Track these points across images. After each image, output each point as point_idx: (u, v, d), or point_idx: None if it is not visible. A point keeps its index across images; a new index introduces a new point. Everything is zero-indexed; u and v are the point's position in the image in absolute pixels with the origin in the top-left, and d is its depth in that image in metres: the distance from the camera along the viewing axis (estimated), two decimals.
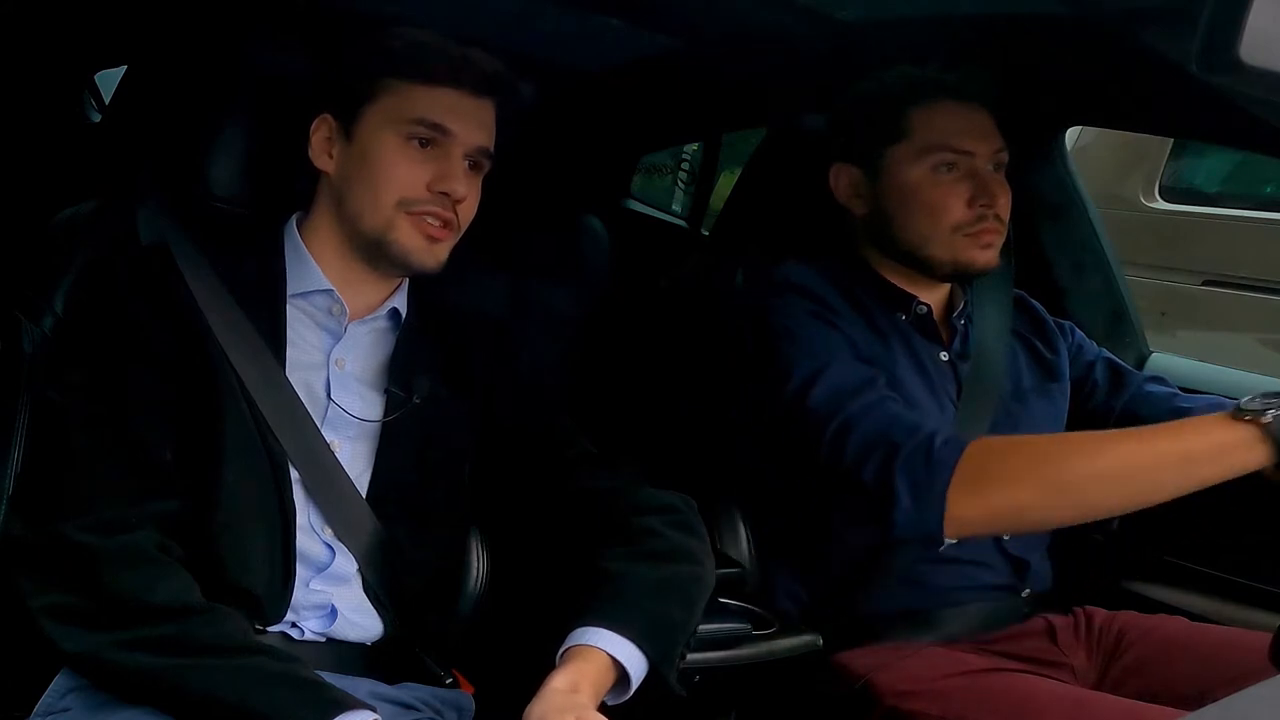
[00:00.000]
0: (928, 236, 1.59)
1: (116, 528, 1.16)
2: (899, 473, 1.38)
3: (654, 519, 1.32)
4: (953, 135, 1.57)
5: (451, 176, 1.31)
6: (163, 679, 1.11)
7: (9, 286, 1.40)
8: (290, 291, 1.34)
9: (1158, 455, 1.33)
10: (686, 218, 3.03)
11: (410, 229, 1.31)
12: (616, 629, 1.19)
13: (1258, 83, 0.79)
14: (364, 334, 1.37)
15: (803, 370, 1.50)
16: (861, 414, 1.45)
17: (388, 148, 1.31)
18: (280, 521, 1.26)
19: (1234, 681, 0.92)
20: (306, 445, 1.29)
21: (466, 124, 1.32)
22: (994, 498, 1.36)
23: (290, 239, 1.37)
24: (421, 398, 1.35)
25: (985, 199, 1.56)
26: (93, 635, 1.12)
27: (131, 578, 1.14)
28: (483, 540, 1.51)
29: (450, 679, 1.35)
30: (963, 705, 1.43)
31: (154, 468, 1.22)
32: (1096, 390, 1.73)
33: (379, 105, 1.32)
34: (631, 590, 1.24)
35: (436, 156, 1.31)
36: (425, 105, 1.31)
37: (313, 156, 1.35)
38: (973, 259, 1.59)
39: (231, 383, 1.26)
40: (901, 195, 1.59)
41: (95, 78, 2.89)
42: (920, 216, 1.58)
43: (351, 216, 1.33)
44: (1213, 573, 1.87)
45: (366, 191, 1.31)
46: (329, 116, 1.35)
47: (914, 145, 1.58)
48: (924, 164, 1.57)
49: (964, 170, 1.57)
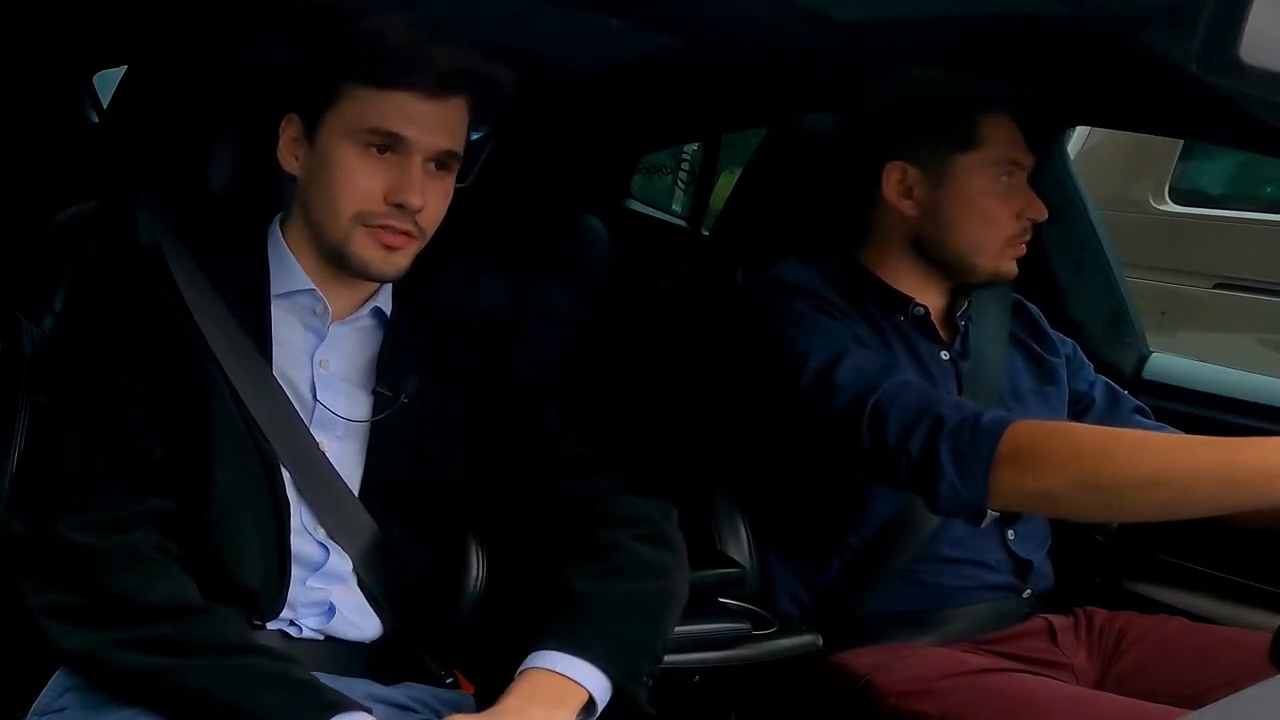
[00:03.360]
0: (979, 245, 1.61)
1: (114, 527, 1.17)
2: (944, 445, 1.37)
3: (623, 533, 1.30)
4: (1014, 148, 1.60)
5: (407, 187, 1.26)
6: (160, 678, 1.11)
7: (9, 286, 1.40)
8: (274, 291, 1.33)
9: (1199, 468, 1.29)
10: (686, 218, 3.02)
11: (367, 240, 1.28)
12: (577, 653, 1.19)
13: (1258, 83, 0.79)
14: (347, 334, 1.36)
15: (820, 356, 1.49)
16: (897, 390, 1.44)
17: (346, 157, 1.27)
18: (274, 520, 1.27)
19: (1234, 681, 0.92)
20: (296, 445, 1.29)
21: (424, 129, 1.27)
22: (1029, 481, 1.35)
23: (273, 239, 1.36)
24: (409, 397, 1.34)
25: (1032, 212, 1.60)
26: (91, 634, 1.13)
27: (129, 577, 1.14)
28: (481, 539, 1.51)
29: (450, 679, 1.35)
30: (963, 705, 1.43)
31: (149, 467, 1.22)
32: (1094, 407, 1.73)
33: (338, 111, 1.27)
34: (595, 612, 1.23)
35: (395, 164, 1.27)
36: (379, 113, 1.26)
37: (280, 158, 1.32)
38: (1010, 270, 1.63)
39: (221, 384, 1.26)
40: (964, 202, 1.60)
41: (95, 78, 2.89)
42: (978, 225, 1.60)
43: (316, 224, 1.31)
44: (1213, 573, 1.87)
45: (326, 202, 1.28)
46: (295, 117, 1.32)
47: (985, 155, 1.59)
48: (990, 174, 1.59)
49: (1016, 183, 1.60)
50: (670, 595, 1.29)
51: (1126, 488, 1.32)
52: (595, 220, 2.29)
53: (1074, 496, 1.35)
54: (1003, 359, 1.68)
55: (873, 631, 1.58)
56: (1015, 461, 1.35)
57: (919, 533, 1.58)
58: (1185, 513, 1.34)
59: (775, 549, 1.66)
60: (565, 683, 1.18)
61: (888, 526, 1.59)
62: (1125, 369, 2.08)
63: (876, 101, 1.70)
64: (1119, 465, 1.32)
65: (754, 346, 1.58)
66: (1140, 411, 1.73)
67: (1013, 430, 1.36)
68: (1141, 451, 1.33)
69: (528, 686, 1.17)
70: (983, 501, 1.37)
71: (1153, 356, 2.10)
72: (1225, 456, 1.28)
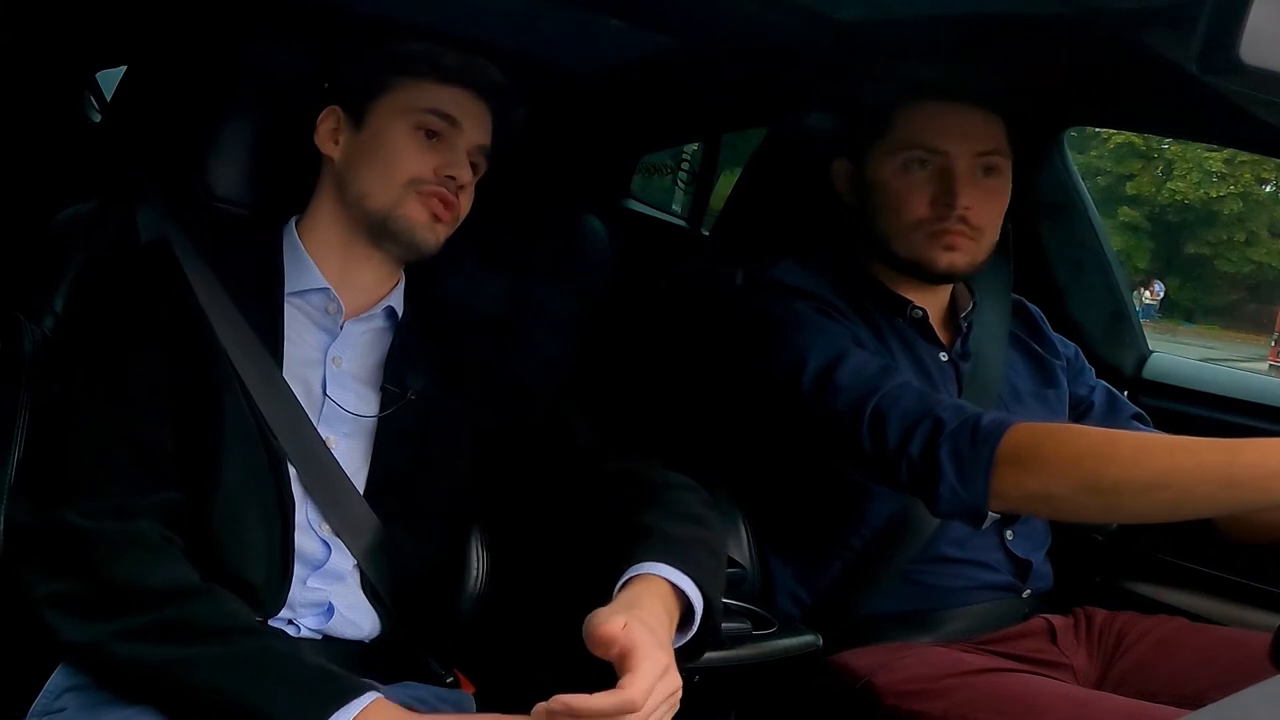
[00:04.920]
0: (891, 232, 1.60)
1: (120, 514, 1.17)
2: (944, 448, 1.37)
3: (683, 493, 1.32)
4: (927, 134, 1.57)
5: (457, 163, 1.38)
6: (167, 673, 1.10)
7: (9, 286, 1.40)
8: (288, 290, 1.36)
9: (1200, 469, 1.28)
10: (686, 218, 3.02)
11: (418, 205, 1.36)
12: (674, 564, 1.18)
13: (1258, 83, 0.79)
14: (360, 332, 1.38)
15: (820, 357, 1.49)
16: (897, 393, 1.44)
17: (399, 134, 1.37)
18: (279, 517, 1.27)
19: (1234, 681, 0.92)
20: (303, 442, 1.30)
21: (472, 121, 1.40)
22: (1029, 483, 1.35)
23: (289, 239, 1.39)
24: (417, 394, 1.36)
25: (949, 199, 1.56)
26: (94, 625, 1.12)
27: (131, 563, 1.14)
28: (483, 539, 1.51)
29: (451, 678, 1.35)
30: (963, 705, 1.43)
31: (156, 458, 1.22)
32: (1093, 411, 1.73)
33: (392, 97, 1.39)
34: (679, 539, 1.23)
35: (442, 148, 1.38)
36: (437, 98, 1.38)
37: (318, 142, 1.40)
38: (933, 259, 1.58)
39: (231, 379, 1.27)
40: (875, 190, 1.61)
41: (96, 78, 2.89)
42: (887, 212, 1.60)
43: (358, 197, 1.37)
44: (1213, 573, 1.87)
45: (376, 172, 1.37)
46: (337, 109, 1.40)
47: (891, 142, 1.59)
48: (895, 160, 1.59)
49: (935, 169, 1.57)
50: (722, 549, 1.31)
51: (1127, 490, 1.31)
52: (595, 220, 2.29)
53: (1074, 498, 1.34)
54: (1003, 360, 1.68)
55: (873, 631, 1.58)
56: (1015, 464, 1.35)
57: (919, 533, 1.58)
58: (1186, 514, 1.34)
59: (775, 549, 1.67)
60: (675, 593, 1.18)
61: (888, 527, 1.59)
62: (1125, 369, 2.08)
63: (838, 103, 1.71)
64: (1119, 467, 1.31)
65: (753, 347, 1.58)
66: (1139, 418, 1.73)
67: (1013, 432, 1.36)
68: (1142, 453, 1.32)
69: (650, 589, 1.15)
70: (983, 504, 1.37)
71: (1153, 356, 2.10)
72: (1226, 458, 1.27)
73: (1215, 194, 21.37)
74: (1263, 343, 18.43)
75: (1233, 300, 22.73)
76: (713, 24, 1.87)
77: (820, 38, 1.76)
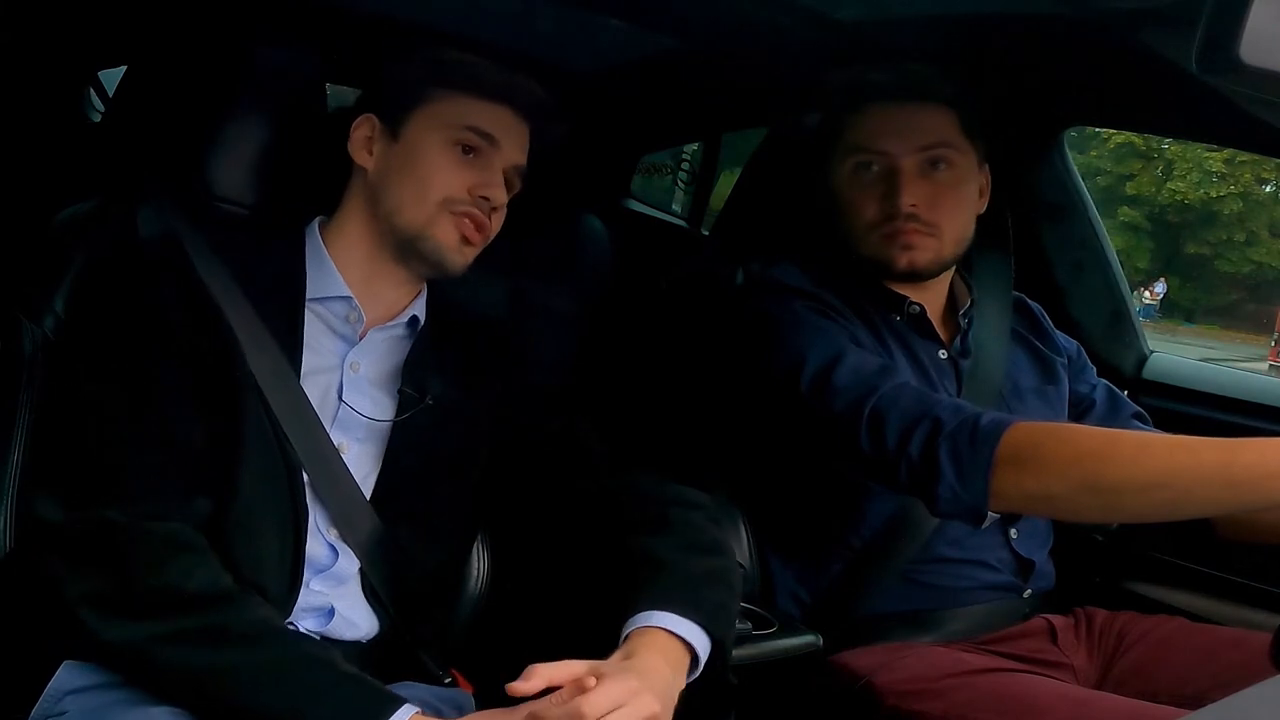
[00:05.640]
0: (852, 236, 1.62)
1: (158, 515, 1.16)
2: (943, 448, 1.37)
3: (692, 513, 1.32)
4: (869, 136, 1.59)
5: (493, 184, 1.35)
6: (207, 678, 1.09)
7: (9, 286, 1.39)
8: (309, 295, 1.34)
9: (1200, 469, 1.27)
10: (686, 218, 3.03)
11: (449, 226, 1.34)
12: (680, 611, 1.18)
13: (1258, 83, 0.78)
14: (380, 340, 1.37)
15: (818, 357, 1.50)
16: (896, 393, 1.44)
17: (435, 149, 1.34)
18: (292, 524, 1.26)
19: (1234, 681, 0.92)
20: (316, 448, 1.29)
21: (511, 140, 1.37)
22: (1029, 483, 1.34)
23: (312, 242, 1.37)
24: (434, 399, 1.35)
25: (893, 198, 1.57)
26: (130, 626, 1.11)
27: (170, 566, 1.13)
28: (485, 541, 1.51)
29: (449, 678, 1.35)
30: (963, 705, 1.43)
31: (189, 460, 1.21)
32: (1094, 410, 1.73)
33: (430, 109, 1.35)
34: (687, 577, 1.23)
35: (479, 166, 1.35)
36: (478, 115, 1.35)
37: (352, 151, 1.37)
38: (891, 259, 1.60)
39: (250, 382, 1.26)
40: (835, 195, 1.63)
41: (99, 76, 2.89)
42: (843, 217, 1.63)
43: (388, 212, 1.34)
44: (1213, 573, 1.87)
45: (409, 188, 1.34)
46: (373, 117, 1.37)
47: (842, 148, 1.62)
48: (847, 165, 1.61)
49: (881, 171, 1.59)
50: (735, 575, 1.31)
51: (1127, 489, 1.31)
52: (595, 220, 2.29)
53: (1074, 498, 1.34)
54: (1004, 356, 1.68)
55: (873, 631, 1.58)
56: (1015, 463, 1.35)
57: (919, 533, 1.58)
58: (1186, 514, 1.34)
59: (775, 549, 1.67)
60: (679, 643, 1.18)
61: (888, 527, 1.59)
62: (1125, 369, 2.08)
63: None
64: (1119, 467, 1.31)
65: (753, 348, 1.59)
66: (1139, 418, 1.73)
67: (1012, 432, 1.36)
68: (1142, 453, 1.32)
69: (649, 642, 1.16)
70: (983, 504, 1.37)
71: (1153, 356, 2.10)
72: (1226, 458, 1.26)
73: (1215, 194, 21.35)
74: (1263, 343, 18.42)
75: (1233, 300, 22.71)
76: (713, 24, 1.87)
77: (820, 38, 1.76)
